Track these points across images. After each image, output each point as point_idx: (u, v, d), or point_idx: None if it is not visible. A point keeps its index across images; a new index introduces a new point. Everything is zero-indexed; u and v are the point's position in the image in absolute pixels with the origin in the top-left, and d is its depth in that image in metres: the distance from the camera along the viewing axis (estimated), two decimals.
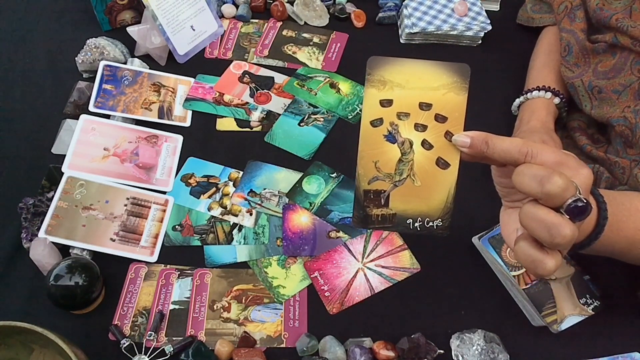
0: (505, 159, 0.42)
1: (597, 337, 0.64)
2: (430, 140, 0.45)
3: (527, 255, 0.41)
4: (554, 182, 0.38)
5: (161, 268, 0.68)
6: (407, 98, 0.45)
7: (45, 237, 0.66)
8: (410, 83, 0.45)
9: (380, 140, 0.45)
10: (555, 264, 0.40)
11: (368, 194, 0.46)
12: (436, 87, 0.45)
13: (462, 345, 0.62)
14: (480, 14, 0.95)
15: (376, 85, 0.45)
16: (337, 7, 0.99)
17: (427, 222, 0.46)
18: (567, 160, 0.42)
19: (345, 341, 0.63)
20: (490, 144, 0.43)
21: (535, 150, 0.41)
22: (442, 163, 0.45)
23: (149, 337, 0.62)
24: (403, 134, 0.45)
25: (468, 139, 0.44)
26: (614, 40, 0.71)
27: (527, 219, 0.40)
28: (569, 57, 0.78)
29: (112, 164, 0.75)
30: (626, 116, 0.68)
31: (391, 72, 0.45)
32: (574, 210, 0.39)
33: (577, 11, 0.79)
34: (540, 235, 0.39)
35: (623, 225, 0.51)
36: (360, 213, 0.46)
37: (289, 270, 0.69)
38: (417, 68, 0.45)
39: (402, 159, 0.45)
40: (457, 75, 0.45)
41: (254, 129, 0.83)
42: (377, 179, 0.45)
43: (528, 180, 0.39)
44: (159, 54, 0.89)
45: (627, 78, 0.69)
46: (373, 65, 0.45)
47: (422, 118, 0.45)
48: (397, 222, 0.46)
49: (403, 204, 0.45)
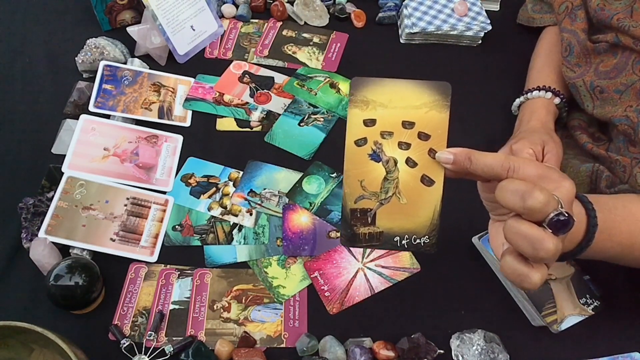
0: (488, 175, 0.43)
1: (597, 337, 0.64)
2: (414, 158, 0.45)
3: (512, 270, 0.41)
4: (535, 197, 0.38)
5: (161, 268, 0.68)
6: (390, 117, 0.45)
7: (45, 237, 0.66)
8: (392, 102, 0.45)
9: (365, 160, 0.46)
10: (540, 277, 0.41)
11: (355, 213, 0.46)
12: (418, 106, 0.45)
13: (462, 345, 0.62)
14: (480, 14, 0.95)
15: (359, 106, 0.45)
16: (337, 7, 0.99)
17: (414, 239, 0.46)
18: (549, 173, 0.42)
19: (345, 341, 0.63)
20: (473, 159, 0.43)
21: (517, 165, 0.41)
22: (426, 180, 0.45)
23: (149, 337, 0.62)
24: (387, 153, 0.46)
25: (451, 156, 0.44)
26: (615, 40, 0.71)
27: (510, 233, 0.40)
28: (570, 57, 0.78)
29: (112, 164, 0.75)
30: (628, 115, 0.68)
31: (374, 92, 0.46)
32: (556, 224, 0.39)
33: (578, 11, 0.79)
34: (524, 250, 0.40)
35: (615, 231, 0.52)
36: (347, 232, 0.46)
37: (289, 270, 0.69)
38: (399, 87, 0.46)
39: (387, 177, 0.46)
40: (439, 93, 0.45)
41: (254, 129, 0.83)
42: (364, 198, 0.46)
43: (510, 195, 0.40)
44: (159, 54, 0.89)
45: (628, 77, 0.69)
46: (356, 86, 0.46)
47: (405, 136, 0.45)
48: (384, 240, 0.46)
49: (390, 222, 0.46)
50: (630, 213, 0.53)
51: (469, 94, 0.89)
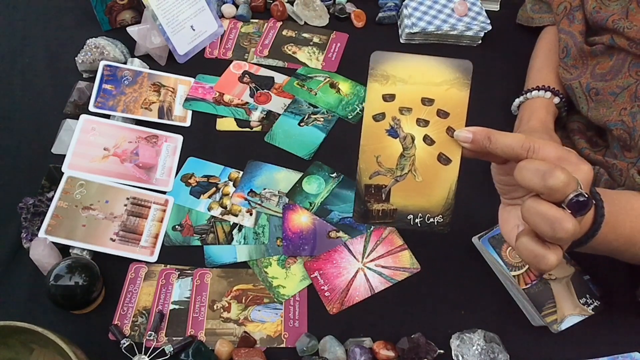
0: (507, 154, 0.43)
1: (597, 337, 0.64)
2: (432, 135, 0.45)
3: (529, 251, 0.41)
4: (556, 176, 0.38)
5: (161, 268, 0.68)
6: (410, 93, 0.45)
7: (45, 237, 0.66)
8: (412, 78, 0.45)
9: (382, 135, 0.45)
10: (557, 259, 0.41)
11: (369, 189, 0.45)
12: (438, 83, 0.45)
13: (462, 345, 0.62)
14: (480, 14, 0.95)
15: (379, 80, 0.45)
16: (337, 7, 1.00)
17: (428, 218, 0.46)
18: (568, 156, 0.42)
19: (345, 341, 0.63)
20: (493, 139, 0.43)
21: (537, 146, 0.41)
22: (443, 159, 0.45)
23: (149, 337, 0.62)
24: (405, 129, 0.45)
25: (470, 135, 0.44)
26: (611, 41, 0.71)
27: (529, 213, 0.40)
28: (567, 58, 0.78)
29: (112, 164, 0.75)
30: (624, 120, 0.67)
31: (394, 67, 0.45)
32: (575, 205, 0.39)
33: (576, 12, 0.79)
34: (542, 230, 0.40)
35: (620, 223, 0.52)
36: (361, 208, 0.46)
37: (289, 270, 0.69)
38: (420, 63, 0.45)
39: (403, 154, 0.45)
40: (460, 71, 0.45)
41: (254, 129, 0.83)
42: (379, 174, 0.45)
43: (530, 175, 0.40)
44: (159, 54, 0.89)
45: (624, 80, 0.69)
46: (376, 60, 0.45)
47: (424, 113, 0.45)
48: (397, 218, 0.46)
49: (404, 200, 0.45)
50: (632, 208, 0.53)
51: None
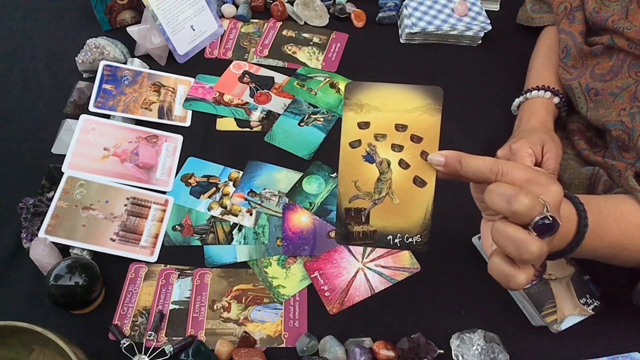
0: (477, 178, 0.44)
1: (597, 337, 0.64)
2: (406, 159, 0.46)
3: (499, 270, 0.43)
4: (520, 201, 0.39)
5: (161, 268, 0.68)
6: (384, 120, 0.47)
7: (45, 237, 0.66)
8: (386, 106, 0.47)
9: (359, 161, 0.47)
10: (526, 278, 0.42)
11: (349, 212, 0.47)
12: (411, 109, 0.47)
13: (462, 345, 0.62)
14: (480, 14, 0.95)
15: (354, 109, 0.47)
16: (337, 7, 1.00)
17: (407, 238, 0.47)
18: (537, 177, 0.42)
19: (345, 341, 0.63)
20: (464, 163, 0.44)
21: (505, 169, 0.42)
22: (419, 181, 0.47)
23: (149, 337, 0.62)
24: (381, 154, 0.47)
25: (442, 158, 0.45)
26: (610, 42, 0.71)
27: (497, 235, 0.42)
28: (567, 59, 0.78)
29: (112, 164, 0.75)
30: (623, 120, 0.67)
31: (368, 96, 0.47)
32: (541, 227, 0.40)
33: (576, 12, 0.79)
34: (509, 251, 0.41)
35: (607, 231, 0.52)
36: (342, 230, 0.48)
37: (289, 270, 0.69)
38: (393, 92, 0.47)
39: (380, 178, 0.47)
40: (431, 97, 0.47)
41: (254, 129, 0.83)
42: (358, 198, 0.47)
43: (497, 199, 0.41)
44: (159, 54, 0.89)
45: (624, 81, 0.69)
46: (351, 90, 0.47)
47: (398, 139, 0.47)
48: (377, 239, 0.48)
49: (383, 221, 0.47)
50: (621, 214, 0.54)
51: (469, 94, 0.89)
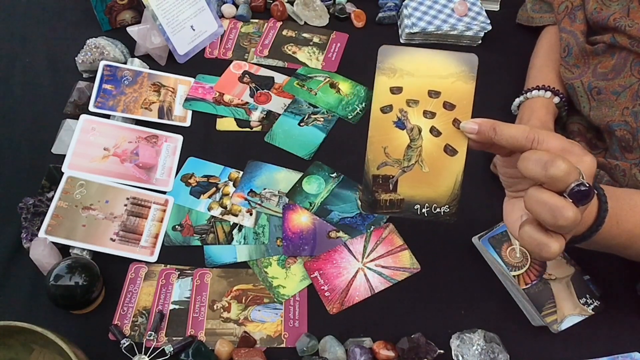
0: (512, 146, 0.43)
1: (597, 337, 0.64)
2: (438, 127, 0.46)
3: (532, 239, 0.42)
4: (558, 166, 0.39)
5: (161, 268, 0.68)
6: (417, 86, 0.46)
7: (45, 237, 0.66)
8: (419, 71, 0.46)
9: (389, 127, 0.46)
10: (559, 247, 0.41)
11: (377, 179, 0.46)
12: (445, 76, 0.46)
13: (462, 345, 0.62)
14: (480, 14, 0.95)
15: (386, 73, 0.46)
16: (337, 7, 0.99)
17: (435, 208, 0.46)
18: (571, 147, 0.43)
19: (345, 341, 0.63)
20: (498, 130, 0.44)
21: (541, 137, 0.42)
22: (449, 150, 0.46)
23: (149, 337, 0.62)
24: (412, 121, 0.46)
25: (476, 126, 0.45)
26: (612, 40, 0.71)
27: (531, 202, 0.41)
28: (569, 58, 0.78)
29: (112, 164, 0.75)
30: (627, 120, 0.67)
31: (401, 60, 0.46)
32: (577, 194, 0.40)
33: (577, 12, 0.79)
34: (544, 218, 0.40)
35: (623, 219, 0.52)
36: (368, 198, 0.47)
37: (289, 270, 0.69)
38: (427, 57, 0.46)
39: (410, 145, 0.46)
40: (465, 64, 0.46)
41: (254, 129, 0.83)
42: (386, 165, 0.46)
43: (533, 164, 0.40)
44: (159, 54, 0.89)
45: (627, 79, 0.69)
46: (384, 54, 0.46)
47: (430, 105, 0.46)
48: (405, 208, 0.47)
49: (411, 190, 0.46)
50: (636, 204, 0.54)
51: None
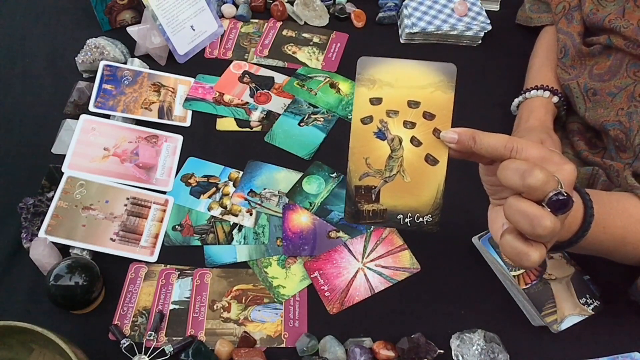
0: (491, 155, 0.44)
1: (597, 337, 0.64)
2: (418, 137, 0.46)
3: (512, 248, 0.42)
4: (535, 175, 0.39)
5: (161, 268, 0.68)
6: (396, 96, 0.46)
7: (45, 237, 0.66)
8: (398, 82, 0.46)
9: (370, 137, 0.46)
10: (539, 256, 0.41)
11: (359, 190, 0.47)
12: (424, 86, 0.46)
13: (462, 345, 0.62)
14: (480, 14, 0.95)
15: (366, 84, 0.46)
16: (337, 7, 1.00)
17: (417, 217, 0.47)
18: (551, 156, 0.43)
19: (345, 341, 0.63)
20: (477, 140, 0.44)
21: (520, 146, 0.42)
22: (431, 159, 0.46)
23: (149, 337, 0.62)
24: (392, 131, 0.46)
25: (455, 135, 0.45)
26: (608, 42, 0.71)
27: (510, 211, 0.41)
28: (565, 59, 0.78)
29: (112, 164, 0.75)
30: (621, 120, 0.68)
31: (380, 71, 0.46)
32: (555, 203, 0.40)
33: (574, 13, 0.79)
34: (522, 227, 0.41)
35: (609, 223, 0.52)
36: (352, 208, 0.47)
37: (289, 270, 0.69)
38: (405, 67, 0.46)
39: (391, 155, 0.46)
40: (444, 74, 0.46)
41: (254, 129, 0.83)
42: (368, 175, 0.47)
43: (511, 174, 0.41)
44: (159, 54, 0.89)
45: (622, 80, 0.69)
46: (363, 65, 0.46)
47: (410, 115, 0.46)
48: (387, 218, 0.47)
49: (393, 200, 0.47)
50: (624, 209, 0.54)
51: (468, 94, 0.89)
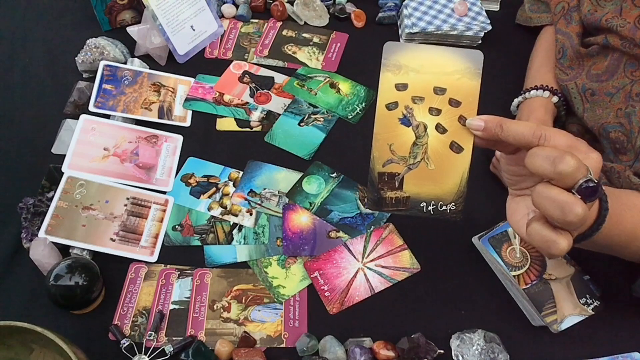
0: (518, 142, 0.43)
1: (597, 337, 0.64)
2: (444, 124, 0.45)
3: (540, 236, 0.42)
4: (567, 162, 0.39)
5: (161, 268, 0.68)
6: (422, 82, 0.46)
7: (45, 237, 0.66)
8: (424, 68, 0.46)
9: (395, 124, 0.46)
10: (567, 244, 0.41)
11: (382, 177, 0.46)
12: (450, 72, 0.45)
13: (462, 345, 0.62)
14: (480, 14, 0.95)
15: (392, 70, 0.46)
16: (337, 7, 1.00)
17: (441, 205, 0.46)
18: (578, 144, 0.43)
19: (345, 341, 0.63)
20: (505, 127, 0.43)
21: (548, 134, 0.42)
22: (455, 147, 0.45)
23: (149, 337, 0.62)
24: (418, 118, 0.46)
25: (482, 123, 0.44)
26: (605, 41, 0.71)
27: (540, 198, 0.41)
28: (563, 59, 0.79)
29: (112, 164, 0.75)
30: (621, 122, 0.67)
31: (406, 57, 0.46)
32: (585, 190, 0.40)
33: (573, 13, 0.79)
34: (553, 214, 0.40)
35: (623, 218, 0.52)
36: (374, 196, 0.46)
37: (289, 270, 0.69)
38: (432, 53, 0.46)
39: (416, 142, 0.46)
40: (471, 61, 0.46)
41: (254, 129, 0.83)
42: (392, 162, 0.46)
43: (541, 161, 0.40)
44: (159, 54, 0.89)
45: (620, 81, 0.69)
46: (389, 50, 0.46)
47: (436, 102, 0.46)
48: (410, 205, 0.46)
49: (417, 187, 0.46)
50: (634, 204, 0.54)
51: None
